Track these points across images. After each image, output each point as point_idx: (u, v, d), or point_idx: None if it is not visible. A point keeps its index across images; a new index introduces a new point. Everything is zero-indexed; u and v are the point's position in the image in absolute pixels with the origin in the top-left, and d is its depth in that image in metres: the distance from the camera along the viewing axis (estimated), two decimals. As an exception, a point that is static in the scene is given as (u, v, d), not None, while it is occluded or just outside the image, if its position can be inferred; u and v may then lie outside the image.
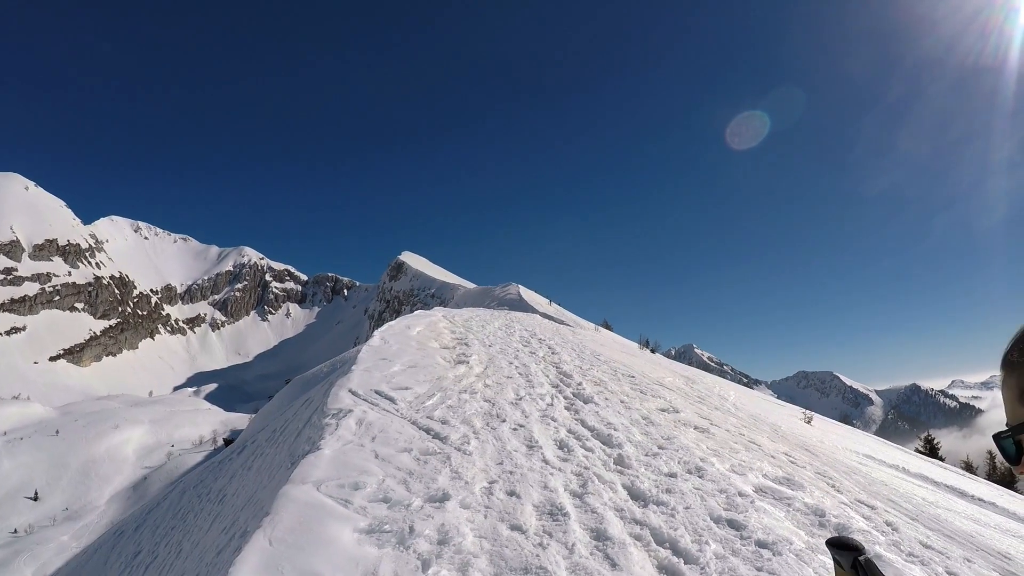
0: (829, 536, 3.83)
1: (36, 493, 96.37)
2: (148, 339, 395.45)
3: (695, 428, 9.99)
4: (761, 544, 5.28)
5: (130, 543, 14.27)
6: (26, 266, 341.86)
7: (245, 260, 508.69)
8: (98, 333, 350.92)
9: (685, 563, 4.92)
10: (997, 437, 1.46)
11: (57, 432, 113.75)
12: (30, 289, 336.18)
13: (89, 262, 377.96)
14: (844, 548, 1.35)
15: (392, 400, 9.69)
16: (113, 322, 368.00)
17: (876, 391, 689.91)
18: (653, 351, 28.57)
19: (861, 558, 1.33)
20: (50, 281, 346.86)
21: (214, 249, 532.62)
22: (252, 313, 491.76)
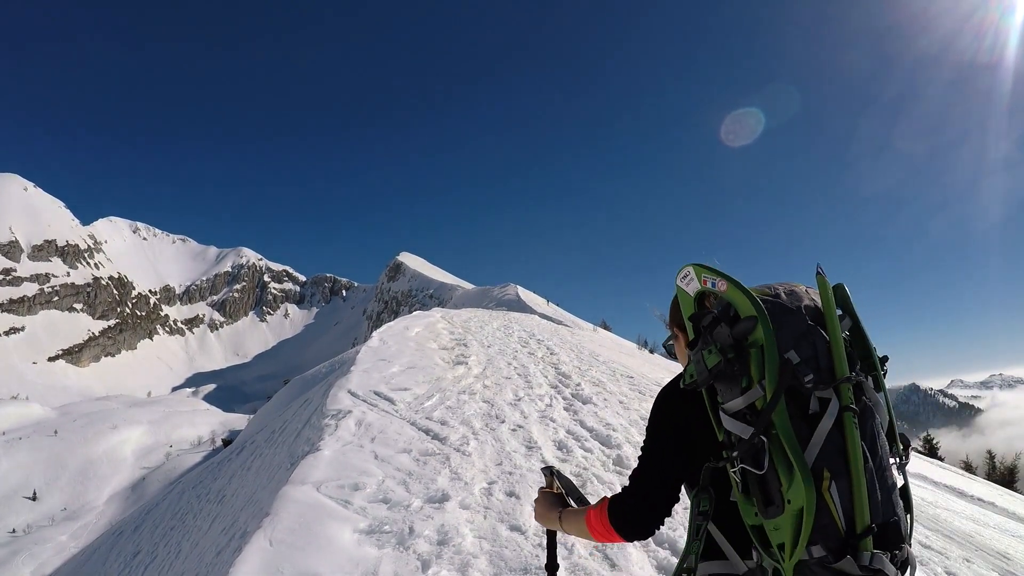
0: None
1: (34, 493, 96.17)
2: (147, 340, 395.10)
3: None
4: (760, 544, 5.28)
5: (129, 543, 14.26)
6: (25, 267, 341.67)
7: (243, 261, 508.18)
8: (97, 334, 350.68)
9: (684, 563, 4.92)
10: (664, 343, 2.10)
11: (55, 432, 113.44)
12: (29, 289, 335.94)
13: (88, 263, 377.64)
14: (545, 467, 2.53)
15: (391, 401, 9.70)
16: (112, 323, 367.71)
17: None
18: (652, 351, 28.54)
19: (555, 469, 2.49)
20: (49, 282, 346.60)
21: (212, 250, 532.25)
22: (250, 314, 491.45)
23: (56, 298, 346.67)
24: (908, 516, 1.67)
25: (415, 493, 6.03)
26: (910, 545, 1.63)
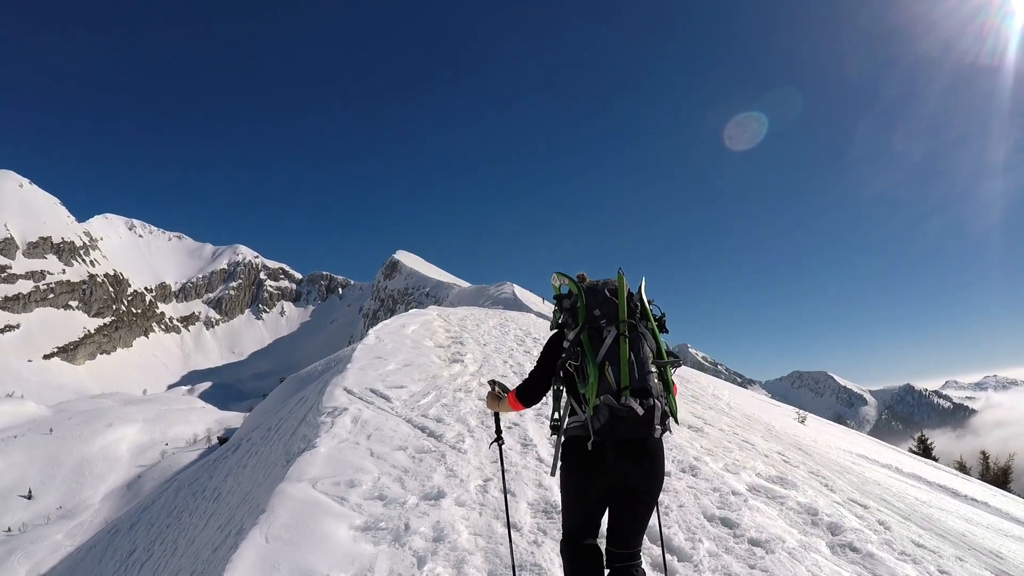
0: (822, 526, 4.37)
1: (30, 491, 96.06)
2: (142, 337, 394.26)
3: (689, 427, 10.02)
4: (754, 542, 5.31)
5: (125, 541, 14.23)
6: (20, 264, 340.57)
7: (239, 258, 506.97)
8: (92, 331, 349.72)
9: (679, 561, 4.96)
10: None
11: (51, 430, 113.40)
12: (24, 287, 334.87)
13: (83, 260, 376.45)
14: (490, 380, 4.22)
15: (387, 398, 9.71)
16: (107, 320, 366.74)
17: (870, 391, 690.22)
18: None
19: (495, 381, 4.20)
20: (44, 279, 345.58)
21: (208, 247, 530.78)
22: (247, 311, 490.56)
23: (51, 295, 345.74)
24: (669, 394, 3.43)
25: (411, 490, 6.04)
26: (662, 403, 3.33)
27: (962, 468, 24.84)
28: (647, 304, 3.65)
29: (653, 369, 3.40)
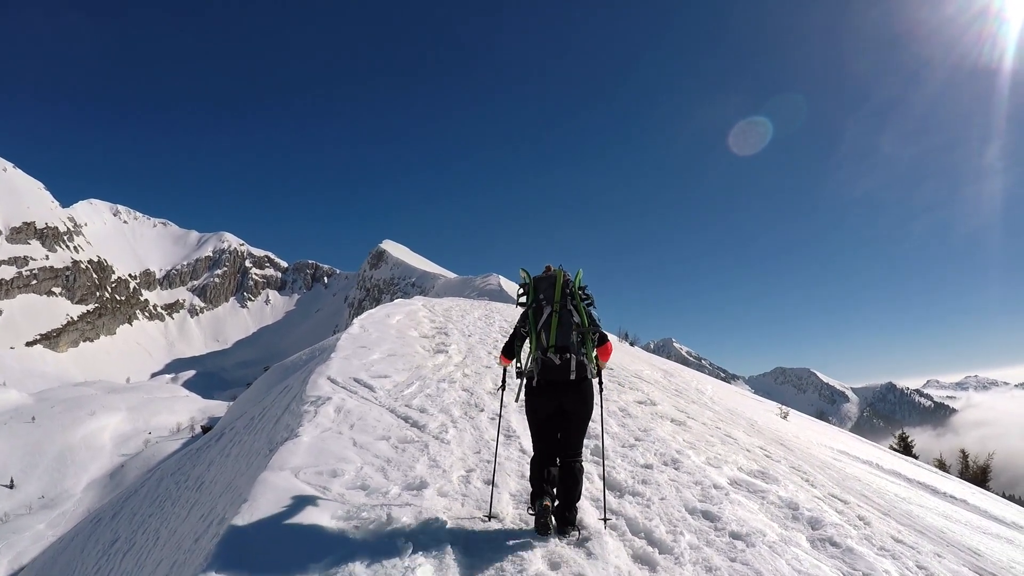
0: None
1: (11, 481, 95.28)
2: (126, 325, 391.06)
3: (672, 421, 10.06)
4: (735, 535, 5.35)
5: (107, 531, 14.17)
6: (3, 249, 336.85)
7: (225, 246, 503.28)
8: (75, 318, 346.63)
9: (660, 553, 4.97)
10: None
11: (33, 419, 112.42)
12: (6, 273, 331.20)
13: (67, 246, 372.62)
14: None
15: (371, 388, 9.70)
16: (91, 307, 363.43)
17: (852, 388, 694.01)
18: (632, 344, 28.60)
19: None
20: (27, 265, 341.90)
21: (194, 234, 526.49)
22: (231, 299, 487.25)
23: (34, 282, 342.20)
24: (590, 351, 5.36)
25: (393, 480, 6.04)
26: (579, 357, 5.22)
27: (942, 466, 25.02)
28: (578, 290, 5.47)
29: (574, 334, 5.26)
